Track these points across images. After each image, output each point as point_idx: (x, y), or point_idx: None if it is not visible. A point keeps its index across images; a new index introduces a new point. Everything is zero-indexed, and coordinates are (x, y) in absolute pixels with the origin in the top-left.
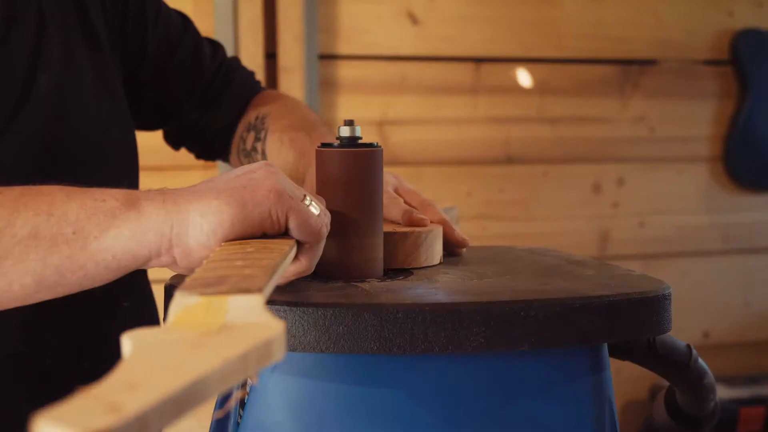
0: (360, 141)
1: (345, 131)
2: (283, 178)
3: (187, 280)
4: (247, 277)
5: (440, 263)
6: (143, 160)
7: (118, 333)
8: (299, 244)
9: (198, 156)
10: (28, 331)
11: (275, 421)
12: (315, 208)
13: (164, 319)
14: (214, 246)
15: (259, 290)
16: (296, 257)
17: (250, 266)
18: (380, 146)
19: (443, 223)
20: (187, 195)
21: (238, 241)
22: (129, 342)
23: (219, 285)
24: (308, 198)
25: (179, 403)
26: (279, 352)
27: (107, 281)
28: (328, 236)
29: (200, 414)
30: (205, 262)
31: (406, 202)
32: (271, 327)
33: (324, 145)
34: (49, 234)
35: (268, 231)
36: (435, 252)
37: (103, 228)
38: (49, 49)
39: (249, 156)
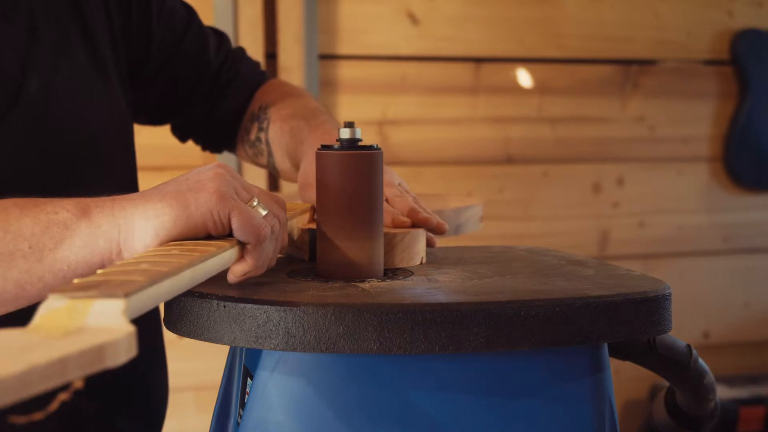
0: (360, 143)
1: (345, 133)
2: (229, 180)
3: (73, 282)
4: (123, 282)
5: (421, 264)
6: (143, 160)
7: None
8: (244, 245)
9: (204, 148)
10: (21, 326)
11: (275, 421)
12: (262, 209)
13: (164, 318)
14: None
15: (126, 295)
16: (242, 257)
17: (147, 270)
18: (380, 148)
19: (411, 211)
20: (134, 199)
21: (173, 243)
22: None
23: (92, 289)
24: (256, 200)
25: None
26: (116, 358)
27: None
28: (328, 238)
29: (201, 413)
30: (117, 263)
31: None
32: (110, 332)
33: (324, 147)
34: (7, 250)
35: (211, 232)
36: (413, 253)
37: (58, 240)
38: (41, 51)
39: (254, 146)
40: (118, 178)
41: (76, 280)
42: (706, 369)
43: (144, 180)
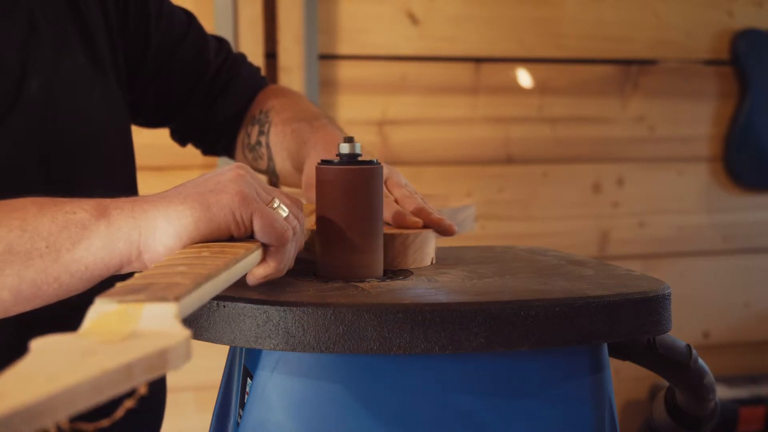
0: (360, 158)
1: (345, 148)
2: (250, 181)
3: (116, 285)
4: (169, 285)
5: (432, 264)
6: (143, 160)
7: None
8: (266, 247)
9: (205, 152)
10: (23, 327)
11: (275, 421)
12: (283, 210)
13: None
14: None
15: (176, 299)
16: (264, 259)
17: (186, 273)
18: (380, 163)
19: (421, 212)
20: (154, 201)
21: (199, 245)
22: (33, 347)
23: (139, 292)
24: (277, 201)
25: (36, 414)
26: (176, 362)
27: (82, 290)
28: (328, 249)
29: (201, 413)
30: (152, 266)
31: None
32: (170, 337)
33: (324, 162)
34: (23, 249)
35: (234, 233)
36: (425, 254)
37: (75, 240)
38: (41, 50)
39: (254, 150)
40: (117, 177)
41: (118, 284)
42: (705, 369)
43: (144, 180)
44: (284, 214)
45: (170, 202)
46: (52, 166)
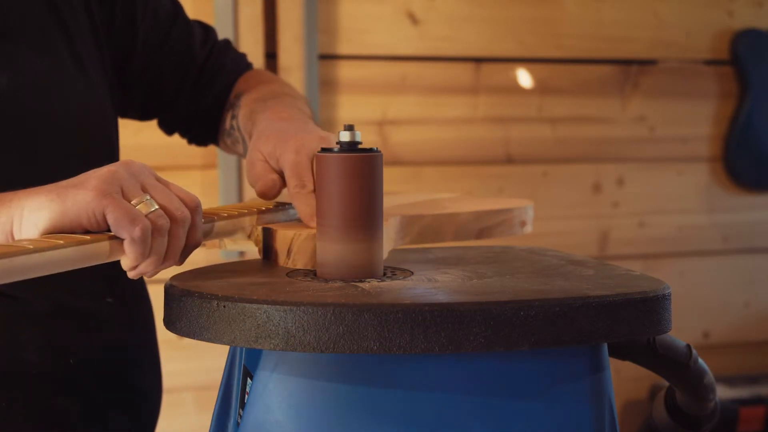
0: (360, 146)
1: (345, 136)
2: (120, 177)
3: None
4: None
5: None
6: (143, 160)
7: (99, 328)
8: (122, 240)
9: (190, 141)
10: (7, 326)
11: (275, 421)
12: (151, 205)
13: (163, 318)
14: None
15: None
16: (124, 252)
17: None
18: (380, 151)
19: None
20: (29, 192)
21: (48, 235)
22: None
23: None
24: (147, 197)
25: None
26: None
27: None
28: (328, 239)
29: (201, 413)
30: None
31: None
32: None
33: (324, 150)
34: None
35: (86, 227)
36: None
37: None
38: (11, 47)
39: (230, 135)
40: None
41: None
42: (705, 369)
43: None
44: (151, 209)
45: (38, 194)
46: (28, 164)
